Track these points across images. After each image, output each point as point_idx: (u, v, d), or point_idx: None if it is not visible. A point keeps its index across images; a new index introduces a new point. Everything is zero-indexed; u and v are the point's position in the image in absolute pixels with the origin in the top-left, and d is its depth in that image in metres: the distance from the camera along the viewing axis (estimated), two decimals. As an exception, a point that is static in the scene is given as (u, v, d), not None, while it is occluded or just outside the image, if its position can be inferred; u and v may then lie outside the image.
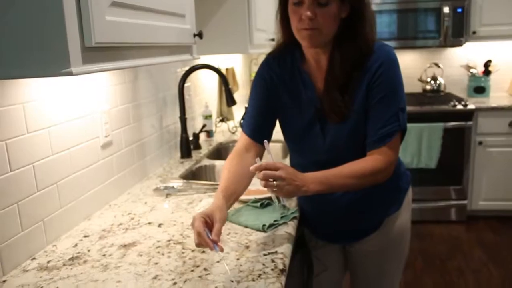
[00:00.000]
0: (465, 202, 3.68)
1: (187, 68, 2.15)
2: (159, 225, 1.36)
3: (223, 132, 2.77)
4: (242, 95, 3.49)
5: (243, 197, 1.50)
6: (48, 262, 1.17)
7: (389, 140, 1.23)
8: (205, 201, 1.56)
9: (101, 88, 1.53)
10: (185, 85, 2.15)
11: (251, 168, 1.14)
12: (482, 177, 3.63)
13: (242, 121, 1.44)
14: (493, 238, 3.43)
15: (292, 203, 1.47)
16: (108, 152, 1.57)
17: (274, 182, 1.12)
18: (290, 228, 1.30)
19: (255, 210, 1.41)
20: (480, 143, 3.56)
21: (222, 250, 1.03)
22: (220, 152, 2.49)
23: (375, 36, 1.27)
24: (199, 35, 1.44)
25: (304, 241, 1.54)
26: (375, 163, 1.24)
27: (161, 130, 2.04)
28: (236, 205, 1.48)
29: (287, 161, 1.99)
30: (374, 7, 2.32)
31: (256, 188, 1.54)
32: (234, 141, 2.56)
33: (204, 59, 2.50)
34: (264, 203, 1.44)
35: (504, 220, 3.69)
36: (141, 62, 1.12)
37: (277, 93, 1.38)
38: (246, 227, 1.31)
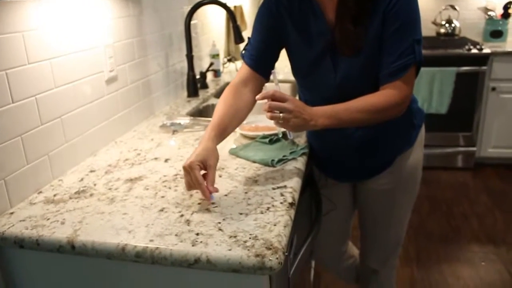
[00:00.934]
0: (474, 149, 3.64)
1: (192, 4, 2.06)
2: (166, 160, 1.34)
3: (230, 72, 2.70)
4: (249, 35, 3.40)
5: (251, 133, 1.47)
6: (55, 195, 1.16)
7: (403, 73, 1.18)
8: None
9: (104, 21, 1.46)
10: (192, 22, 2.07)
11: (258, 96, 1.11)
12: (493, 124, 3.57)
13: (243, 52, 1.38)
14: (500, 185, 3.43)
15: (301, 140, 1.44)
16: (113, 87, 1.52)
17: (281, 114, 1.08)
18: (299, 163, 1.27)
19: (264, 145, 1.38)
20: (494, 89, 3.47)
21: (217, 190, 1.05)
22: (227, 93, 2.44)
23: None
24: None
25: (313, 179, 1.52)
26: (388, 97, 1.19)
27: (167, 68, 1.98)
28: (245, 141, 1.46)
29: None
30: None
31: (265, 125, 1.51)
32: (242, 83, 2.49)
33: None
34: (273, 139, 1.41)
35: (511, 168, 3.67)
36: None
37: (284, 25, 1.30)
38: (254, 162, 1.28)
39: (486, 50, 3.38)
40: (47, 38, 1.20)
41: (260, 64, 1.33)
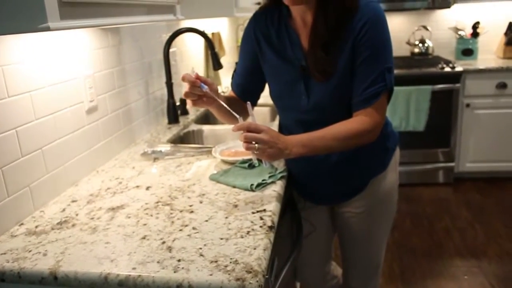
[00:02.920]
0: (452, 164, 3.72)
1: (171, 33, 2.11)
2: (147, 188, 1.36)
3: (210, 98, 2.74)
4: (228, 61, 3.45)
5: (231, 158, 1.50)
6: (36, 227, 1.16)
7: (375, 100, 1.22)
8: (193, 164, 1.56)
9: (84, 52, 1.49)
10: (171, 50, 2.11)
11: (233, 127, 1.14)
12: (470, 139, 3.67)
13: (232, 78, 1.45)
14: (479, 199, 3.50)
15: (280, 163, 1.47)
16: (93, 117, 1.54)
17: (256, 145, 1.11)
18: (278, 187, 1.30)
19: (243, 170, 1.41)
20: (468, 105, 3.58)
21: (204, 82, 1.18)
22: (207, 117, 2.47)
23: None
24: (182, -6, 1.40)
25: (294, 201, 1.55)
26: (361, 124, 1.23)
27: (147, 95, 2.01)
28: (224, 166, 1.49)
29: (274, 124, 1.98)
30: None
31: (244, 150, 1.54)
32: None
33: (189, 24, 2.45)
34: (252, 164, 1.43)
35: (490, 181, 3.76)
36: (122, 20, 1.08)
37: (262, 49, 1.37)
38: (234, 187, 1.31)
39: (459, 68, 3.50)
40: (27, 71, 1.22)
41: (246, 93, 1.44)
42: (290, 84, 1.33)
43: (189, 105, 1.27)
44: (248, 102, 1.25)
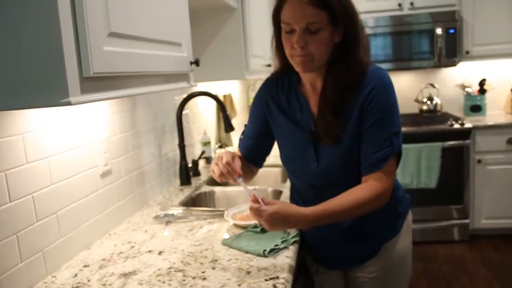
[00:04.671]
0: (467, 221, 3.66)
1: (185, 95, 2.17)
2: (160, 253, 1.35)
3: (222, 157, 2.77)
4: (240, 121, 3.51)
5: (243, 223, 1.50)
6: (48, 293, 1.15)
7: (383, 164, 1.24)
8: (205, 227, 1.55)
9: (99, 117, 1.54)
10: (183, 112, 2.16)
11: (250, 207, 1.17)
12: (483, 196, 3.62)
13: (240, 139, 1.49)
14: (497, 257, 3.40)
15: (292, 228, 1.47)
16: (107, 180, 1.57)
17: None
18: (291, 252, 1.29)
19: (255, 235, 1.40)
20: (479, 161, 3.56)
21: (241, 174, 1.24)
22: (219, 178, 2.49)
23: (369, 60, 1.29)
24: (196, 62, 1.46)
25: (306, 265, 1.53)
26: (371, 190, 1.23)
27: (160, 157, 2.04)
28: (236, 231, 1.48)
29: (286, 186, 1.99)
30: (368, 30, 2.35)
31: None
32: (233, 167, 2.55)
33: (202, 86, 2.53)
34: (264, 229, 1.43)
35: (507, 238, 3.66)
36: (139, 90, 1.13)
37: (274, 116, 1.41)
38: (247, 252, 1.30)
39: (468, 125, 3.52)
40: (45, 138, 1.26)
41: (252, 155, 1.48)
42: (300, 148, 1.36)
43: (213, 175, 1.31)
44: (240, 179, 1.26)
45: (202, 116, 2.69)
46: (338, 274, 1.54)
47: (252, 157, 1.49)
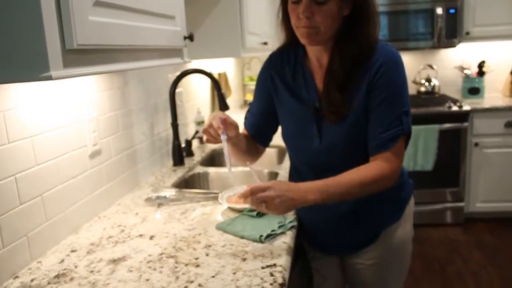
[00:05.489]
0: (462, 204, 3.64)
1: (178, 73, 2.09)
2: (151, 238, 1.29)
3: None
4: (235, 100, 3.44)
5: (238, 206, 1.44)
6: (32, 280, 1.09)
7: (392, 145, 1.18)
8: (198, 210, 1.50)
9: (88, 95, 1.46)
10: (177, 90, 2.08)
11: (239, 195, 1.14)
12: (479, 179, 3.60)
13: (246, 117, 1.44)
14: (491, 241, 3.39)
15: (289, 212, 1.41)
16: (96, 161, 1.50)
17: (263, 204, 1.09)
18: (288, 238, 1.23)
19: (251, 219, 1.35)
20: (476, 144, 3.52)
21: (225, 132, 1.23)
22: (213, 159, 2.43)
23: (378, 35, 1.22)
24: (190, 37, 1.38)
25: (304, 250, 1.48)
26: (378, 170, 1.18)
27: (152, 137, 1.97)
28: (231, 214, 1.43)
29: (282, 167, 1.93)
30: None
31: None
32: (228, 147, 2.49)
33: (195, 64, 2.45)
34: (261, 213, 1.37)
35: (502, 222, 3.65)
36: (129, 66, 1.05)
37: (278, 91, 1.36)
38: (242, 237, 1.24)
39: (466, 107, 3.46)
40: (29, 116, 1.18)
41: (258, 133, 1.44)
42: (303, 125, 1.30)
43: (204, 139, 1.30)
44: (251, 166, 1.23)
45: (196, 95, 2.61)
46: (336, 259, 1.50)
47: (258, 135, 1.44)
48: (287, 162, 1.85)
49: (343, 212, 1.32)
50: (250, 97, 3.87)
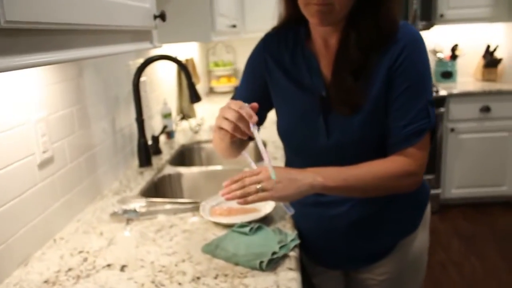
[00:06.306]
0: (438, 191, 3.55)
1: (140, 60, 1.81)
2: (122, 268, 1.03)
3: (184, 131, 2.44)
4: (201, 88, 3.17)
5: (225, 221, 1.21)
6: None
7: (418, 139, 0.99)
8: (177, 228, 1.25)
9: (34, 89, 1.17)
10: (141, 80, 1.80)
11: (225, 183, 0.96)
12: (454, 165, 3.52)
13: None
14: (469, 228, 3.33)
15: (287, 224, 1.19)
16: (48, 171, 1.22)
17: (258, 186, 0.94)
18: (293, 262, 1.01)
19: (243, 237, 1.11)
20: (452, 130, 3.43)
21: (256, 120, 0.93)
22: (183, 156, 2.17)
23: (400, 13, 1.01)
24: (162, 16, 1.12)
25: (303, 264, 1.27)
26: (403, 165, 0.99)
27: (114, 135, 1.69)
28: (217, 231, 1.19)
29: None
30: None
31: (240, 207, 1.25)
32: (198, 142, 2.24)
33: (158, 50, 2.17)
34: (254, 228, 1.14)
35: (477, 207, 3.61)
36: (85, 53, 0.79)
37: (274, 78, 1.13)
38: (237, 264, 1.01)
39: (443, 92, 3.35)
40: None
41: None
42: (306, 117, 1.08)
43: (222, 135, 0.99)
44: (245, 152, 1.04)
45: (161, 84, 2.33)
46: (340, 275, 1.30)
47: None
48: (280, 163, 1.63)
49: (351, 221, 1.12)
50: (216, 84, 3.62)
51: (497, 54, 3.75)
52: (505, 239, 3.15)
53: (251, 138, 1.18)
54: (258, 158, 1.92)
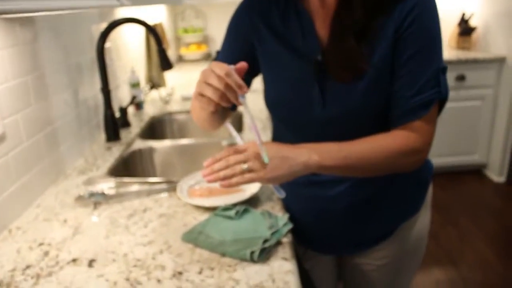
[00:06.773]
0: (413, 161, 3.53)
1: (104, 24, 1.63)
2: (90, 263, 0.90)
3: (153, 102, 2.27)
4: (171, 55, 2.98)
5: (207, 203, 1.09)
6: None
7: (426, 111, 0.88)
8: (152, 211, 1.12)
9: (-22, 55, 0.99)
10: (105, 46, 1.62)
11: (205, 164, 0.85)
12: (430, 134, 3.49)
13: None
14: (444, 197, 3.33)
15: (276, 206, 1.08)
16: (0, 151, 1.05)
17: (243, 166, 0.83)
18: (287, 250, 0.90)
19: (228, 221, 1.00)
20: (425, 98, 3.38)
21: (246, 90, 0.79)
22: (154, 128, 2.02)
23: None
24: (129, -32, 0.96)
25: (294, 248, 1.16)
26: (408, 140, 0.88)
27: (78, 107, 1.52)
28: (198, 214, 1.07)
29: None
30: None
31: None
32: (170, 113, 2.09)
33: (123, 13, 1.98)
34: (240, 211, 1.03)
35: (451, 176, 3.61)
36: (38, 4, 0.63)
37: (262, 40, 0.99)
38: (224, 255, 0.89)
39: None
40: None
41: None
42: (298, 84, 0.95)
43: (204, 104, 0.83)
44: (229, 124, 0.92)
45: (128, 51, 2.14)
46: (333, 259, 1.20)
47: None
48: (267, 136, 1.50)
49: (350, 202, 1.01)
50: (185, 52, 3.43)
51: (472, 23, 3.69)
52: (476, 206, 3.18)
53: (235, 106, 1.05)
54: (240, 130, 1.79)
